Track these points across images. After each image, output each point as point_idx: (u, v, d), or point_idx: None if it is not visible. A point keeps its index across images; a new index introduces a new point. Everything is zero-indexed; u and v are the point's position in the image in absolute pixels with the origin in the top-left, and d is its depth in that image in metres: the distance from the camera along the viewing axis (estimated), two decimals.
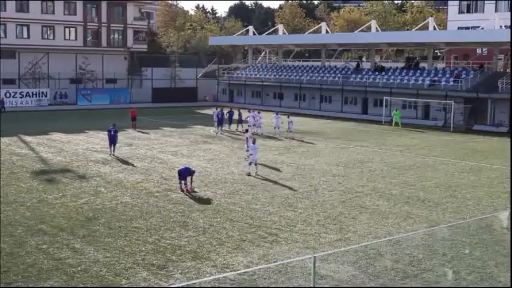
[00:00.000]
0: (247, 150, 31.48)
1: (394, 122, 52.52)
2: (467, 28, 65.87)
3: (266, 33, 79.20)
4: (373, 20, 71.64)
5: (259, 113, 46.70)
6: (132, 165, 31.08)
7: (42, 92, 67.30)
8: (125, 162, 31.93)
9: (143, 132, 44.83)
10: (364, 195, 24.60)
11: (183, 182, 24.83)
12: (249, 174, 28.49)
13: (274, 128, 44.14)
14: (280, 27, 79.44)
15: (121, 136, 37.95)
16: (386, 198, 24.11)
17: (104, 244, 17.59)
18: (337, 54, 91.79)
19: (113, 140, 34.01)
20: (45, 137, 41.29)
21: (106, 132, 35.48)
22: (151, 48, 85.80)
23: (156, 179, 27.41)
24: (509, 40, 50.03)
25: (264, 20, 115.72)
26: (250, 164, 29.01)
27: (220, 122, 45.88)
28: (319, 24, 77.80)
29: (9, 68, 67.88)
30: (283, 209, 22.22)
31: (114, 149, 34.10)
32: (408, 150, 37.79)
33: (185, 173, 24.79)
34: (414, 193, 25.16)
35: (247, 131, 37.01)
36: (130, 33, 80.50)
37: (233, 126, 47.37)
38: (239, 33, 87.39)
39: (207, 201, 23.17)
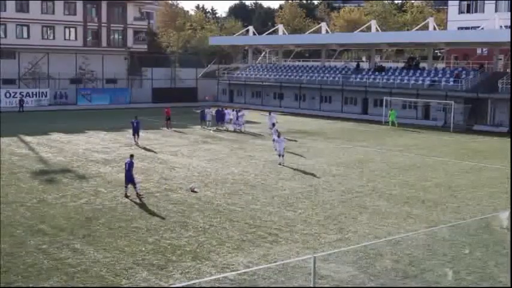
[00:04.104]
0: (273, 141, 34.78)
1: (390, 121, 52.54)
2: (467, 28, 65.84)
3: (266, 33, 79.14)
4: (373, 20, 71.51)
5: (239, 111, 49.36)
6: (153, 151, 34.87)
7: (42, 92, 67.25)
8: (147, 150, 35.14)
9: (179, 132, 46.06)
10: (364, 195, 24.60)
11: (127, 187, 23.65)
12: (280, 164, 31.08)
13: (270, 128, 44.31)
14: (280, 28, 79.35)
15: (122, 137, 38.02)
16: (386, 198, 24.11)
17: (104, 244, 17.58)
18: (337, 54, 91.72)
19: (136, 130, 38.44)
20: (45, 137, 41.27)
21: (107, 131, 35.54)
22: (151, 48, 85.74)
23: (156, 179, 27.41)
24: (509, 40, 49.98)
25: (264, 20, 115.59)
26: (279, 155, 31.70)
27: (219, 120, 49.06)
28: (319, 25, 77.71)
29: (9, 68, 67.80)
30: (283, 209, 22.21)
31: (137, 137, 38.53)
32: (408, 150, 37.78)
33: (129, 174, 23.56)
34: (414, 193, 25.15)
35: (273, 125, 38.85)
36: (130, 33, 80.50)
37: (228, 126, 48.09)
38: (239, 33, 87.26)
39: (207, 201, 23.17)
